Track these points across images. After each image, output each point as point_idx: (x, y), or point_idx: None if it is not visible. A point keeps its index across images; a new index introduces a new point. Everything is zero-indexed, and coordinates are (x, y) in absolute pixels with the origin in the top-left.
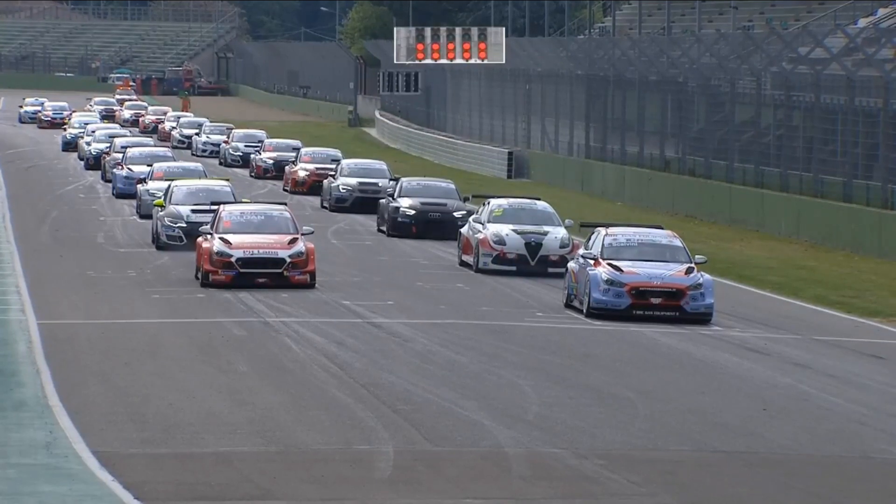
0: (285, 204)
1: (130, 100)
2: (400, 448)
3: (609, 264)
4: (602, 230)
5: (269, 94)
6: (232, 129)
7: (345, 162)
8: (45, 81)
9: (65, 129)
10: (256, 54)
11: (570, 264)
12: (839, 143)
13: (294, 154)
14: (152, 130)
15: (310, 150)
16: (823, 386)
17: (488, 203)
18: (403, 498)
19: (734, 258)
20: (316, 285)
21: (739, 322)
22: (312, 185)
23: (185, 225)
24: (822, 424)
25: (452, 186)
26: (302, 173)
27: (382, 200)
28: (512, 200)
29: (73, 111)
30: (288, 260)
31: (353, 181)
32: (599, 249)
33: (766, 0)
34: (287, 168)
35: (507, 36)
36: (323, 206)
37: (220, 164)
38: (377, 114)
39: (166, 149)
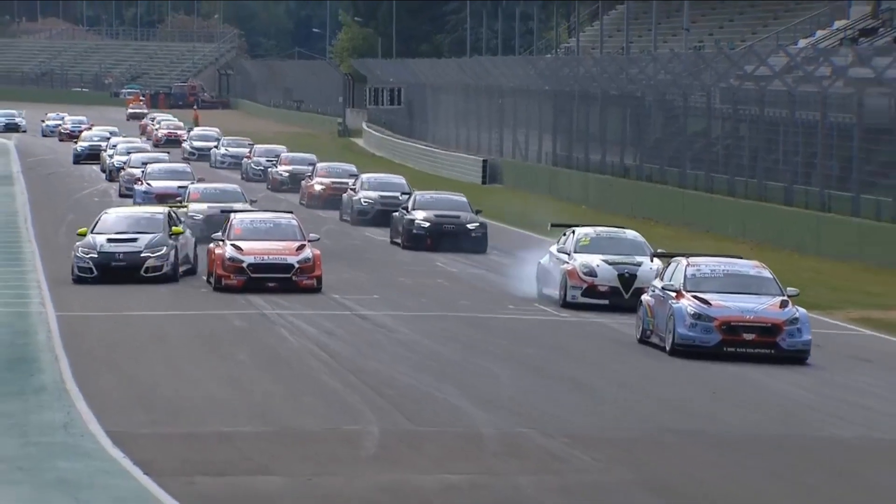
0: (292, 212)
1: (142, 112)
2: (385, 429)
3: (694, 297)
4: (682, 260)
5: (265, 108)
6: (253, 144)
7: (364, 176)
8: (63, 96)
9: (76, 143)
10: (254, 71)
11: (645, 297)
12: (781, 152)
13: (310, 168)
14: (164, 143)
15: (326, 165)
16: (771, 372)
17: (573, 232)
18: (388, 473)
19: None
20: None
21: None
22: (328, 199)
23: (96, 255)
24: (771, 407)
25: (464, 199)
26: (318, 187)
27: (395, 213)
28: (599, 229)
29: (91, 125)
30: (296, 265)
31: (375, 194)
32: (682, 281)
33: (716, 23)
34: (303, 182)
35: (481, 55)
36: (343, 220)
37: (242, 178)
38: (364, 125)
39: (185, 164)
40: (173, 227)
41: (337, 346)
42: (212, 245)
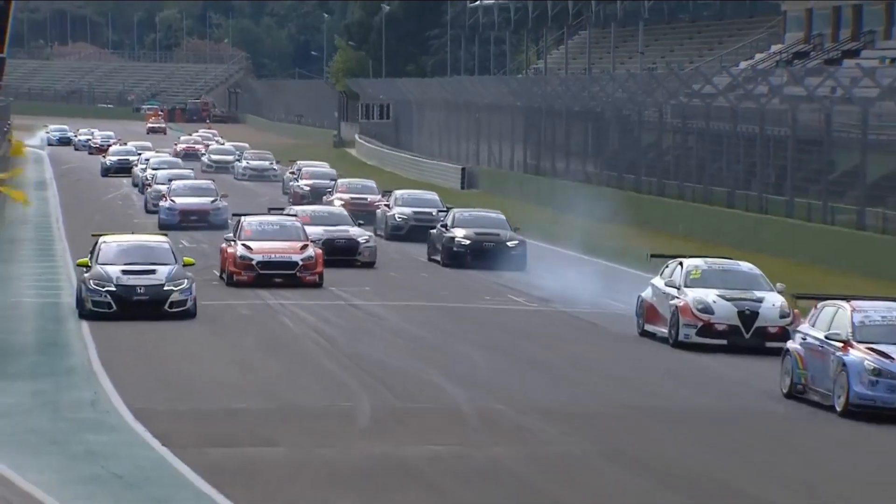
0: (296, 215)
1: (160, 127)
2: (376, 405)
3: (870, 349)
4: (845, 304)
5: (269, 122)
6: (295, 161)
7: (398, 192)
8: (90, 111)
9: (104, 157)
10: (259, 89)
11: (793, 345)
12: (724, 160)
13: (331, 183)
14: (183, 158)
15: (346, 181)
16: (713, 355)
17: (681, 264)
18: (379, 445)
19: (642, 253)
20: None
21: None
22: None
23: (114, 288)
24: (712, 386)
25: (503, 217)
26: (337, 203)
27: (433, 230)
28: (710, 260)
29: (119, 140)
30: (300, 263)
31: (409, 210)
32: (848, 329)
33: (667, 47)
34: (324, 198)
35: (460, 75)
36: (378, 235)
37: (285, 193)
38: (357, 137)
39: (210, 181)
40: (185, 258)
41: (333, 333)
42: (224, 245)
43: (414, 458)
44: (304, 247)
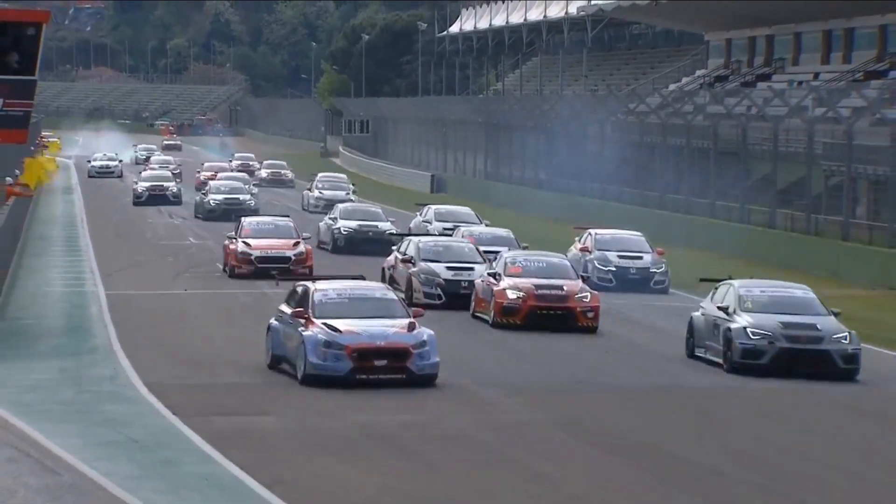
0: (288, 216)
1: (176, 145)
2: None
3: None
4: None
5: (265, 135)
6: (426, 206)
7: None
8: (111, 126)
9: (200, 193)
10: (256, 107)
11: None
12: (657, 169)
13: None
14: (203, 185)
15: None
16: (648, 335)
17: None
18: (359, 415)
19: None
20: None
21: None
22: (529, 314)
23: None
24: (647, 363)
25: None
26: (512, 295)
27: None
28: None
29: (216, 173)
30: (293, 258)
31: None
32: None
33: (607, 71)
34: (477, 282)
35: (429, 95)
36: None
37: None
38: (341, 148)
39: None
40: None
41: None
42: (227, 242)
43: (390, 425)
44: (296, 244)
